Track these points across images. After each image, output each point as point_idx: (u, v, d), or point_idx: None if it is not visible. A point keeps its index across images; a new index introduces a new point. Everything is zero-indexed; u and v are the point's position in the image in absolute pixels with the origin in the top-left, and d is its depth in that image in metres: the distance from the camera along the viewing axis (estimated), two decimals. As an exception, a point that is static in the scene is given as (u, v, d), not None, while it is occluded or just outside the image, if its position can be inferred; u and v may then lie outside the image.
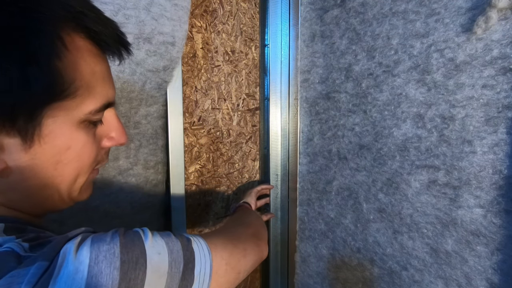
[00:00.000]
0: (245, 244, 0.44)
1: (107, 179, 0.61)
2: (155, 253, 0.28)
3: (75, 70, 0.28)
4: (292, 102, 0.90)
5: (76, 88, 0.28)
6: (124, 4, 0.55)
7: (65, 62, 0.27)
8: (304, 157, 0.87)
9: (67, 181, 0.31)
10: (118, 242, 0.26)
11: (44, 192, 0.30)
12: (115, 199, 0.63)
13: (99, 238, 0.26)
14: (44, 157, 0.28)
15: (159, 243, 0.29)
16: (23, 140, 0.27)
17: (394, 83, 0.63)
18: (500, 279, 0.51)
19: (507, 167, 0.49)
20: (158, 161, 0.69)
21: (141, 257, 0.27)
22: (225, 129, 0.87)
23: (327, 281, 0.84)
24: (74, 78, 0.28)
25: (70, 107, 0.29)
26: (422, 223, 0.61)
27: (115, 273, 0.24)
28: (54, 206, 0.33)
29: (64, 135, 0.29)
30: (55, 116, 0.28)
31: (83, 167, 0.32)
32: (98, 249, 0.25)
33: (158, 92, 0.66)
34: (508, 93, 0.48)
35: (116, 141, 0.36)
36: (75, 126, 0.30)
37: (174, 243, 0.31)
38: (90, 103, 0.30)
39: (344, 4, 0.72)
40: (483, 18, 0.48)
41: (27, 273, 0.22)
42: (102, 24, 0.30)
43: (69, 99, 0.28)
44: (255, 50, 0.91)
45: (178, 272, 0.30)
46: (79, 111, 0.29)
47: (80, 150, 0.31)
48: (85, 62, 0.29)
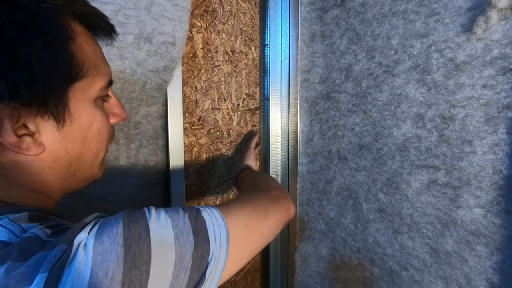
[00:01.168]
0: (266, 206, 0.43)
1: (107, 179, 0.61)
2: (158, 227, 0.29)
3: (83, 52, 0.31)
4: (292, 102, 0.90)
5: (87, 68, 0.32)
6: (125, 4, 0.55)
7: (77, 45, 0.30)
8: (304, 157, 0.87)
9: (92, 156, 0.35)
10: (121, 222, 0.28)
11: (71, 168, 0.34)
12: (116, 198, 0.63)
13: (105, 222, 0.28)
14: (74, 134, 0.32)
15: (162, 217, 0.30)
16: (57, 121, 0.30)
17: (394, 83, 0.63)
18: (500, 279, 0.51)
19: (507, 167, 0.49)
20: (158, 161, 0.69)
21: (144, 231, 0.28)
22: (225, 129, 0.86)
23: (327, 281, 0.84)
24: (84, 59, 0.31)
25: (85, 87, 0.32)
26: (422, 223, 0.61)
27: (119, 249, 0.26)
28: (74, 185, 0.36)
29: (87, 112, 0.33)
30: (76, 96, 0.31)
31: (102, 141, 0.36)
32: (102, 231, 0.27)
33: (158, 92, 0.66)
34: (508, 93, 0.48)
35: (120, 116, 0.39)
36: (92, 104, 0.33)
37: (180, 215, 0.32)
38: (99, 81, 0.33)
39: (344, 4, 0.72)
40: (483, 18, 0.48)
41: (49, 254, 0.24)
42: (90, 8, 0.34)
43: (84, 78, 0.31)
44: (255, 50, 0.91)
45: (188, 241, 0.30)
46: (93, 89, 0.33)
47: (100, 125, 0.34)
48: (88, 45, 0.32)
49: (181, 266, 0.29)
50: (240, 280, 0.97)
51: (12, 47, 0.26)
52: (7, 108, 0.27)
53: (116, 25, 0.55)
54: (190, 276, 0.29)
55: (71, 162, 0.33)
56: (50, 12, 0.28)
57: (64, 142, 0.31)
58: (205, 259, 0.31)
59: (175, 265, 0.28)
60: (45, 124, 0.30)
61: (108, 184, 0.62)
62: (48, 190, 0.33)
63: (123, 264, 0.25)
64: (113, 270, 0.25)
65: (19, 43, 0.26)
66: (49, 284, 0.23)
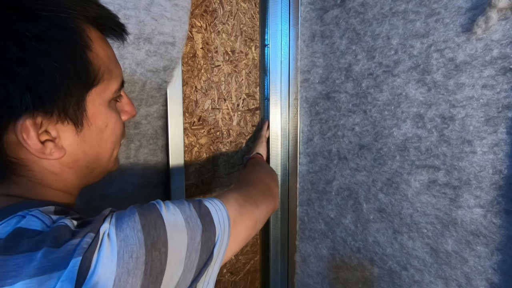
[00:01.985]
0: (255, 198, 0.47)
1: (107, 179, 0.61)
2: (169, 214, 0.32)
3: (99, 58, 0.33)
4: (292, 102, 0.90)
5: (102, 73, 0.33)
6: (124, 4, 0.55)
7: (93, 52, 0.32)
8: (304, 157, 0.87)
9: (107, 154, 0.37)
10: (136, 212, 0.30)
11: (89, 167, 0.36)
12: (116, 199, 0.63)
13: (120, 214, 0.31)
14: (91, 137, 0.34)
15: (171, 207, 0.33)
16: (76, 126, 0.32)
17: (394, 83, 0.63)
18: (500, 279, 0.51)
19: (507, 167, 0.49)
20: (158, 161, 0.69)
21: (158, 219, 0.31)
22: (225, 129, 0.86)
23: (327, 281, 0.84)
24: (99, 65, 0.33)
25: (101, 91, 0.34)
26: (422, 223, 0.61)
27: (139, 234, 0.28)
28: (91, 180, 0.38)
29: (102, 115, 0.34)
30: (93, 100, 0.33)
31: (117, 140, 0.38)
32: (121, 221, 0.29)
33: (158, 92, 0.66)
34: (508, 93, 0.48)
35: (130, 113, 0.41)
36: (107, 106, 0.35)
37: (185, 205, 0.35)
38: (113, 84, 0.35)
39: (344, 4, 0.72)
40: (483, 18, 0.48)
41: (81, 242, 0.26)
42: (102, 10, 0.34)
43: (100, 83, 0.33)
44: (255, 50, 0.91)
45: (197, 225, 0.33)
46: (108, 92, 0.34)
47: (114, 125, 0.36)
48: (102, 49, 0.33)
49: (192, 247, 0.32)
50: (240, 280, 0.97)
51: (35, 61, 0.27)
52: (32, 118, 0.28)
53: (116, 25, 0.55)
54: (200, 256, 0.33)
55: (89, 162, 0.35)
56: (67, 22, 0.29)
57: (83, 144, 0.33)
58: (212, 240, 0.34)
59: (188, 246, 0.32)
60: (65, 129, 0.31)
61: (108, 184, 0.62)
62: (69, 188, 0.36)
63: (145, 246, 0.28)
64: (136, 252, 0.27)
65: (41, 56, 0.27)
66: (83, 266, 0.25)
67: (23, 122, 0.28)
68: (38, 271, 0.25)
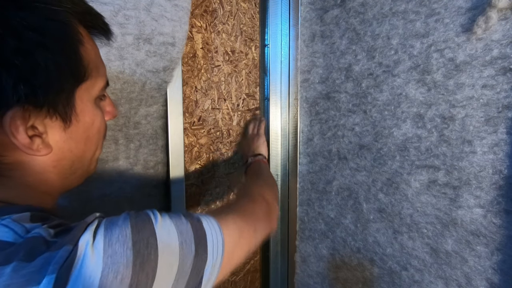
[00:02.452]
0: (256, 223, 0.44)
1: (107, 179, 0.61)
2: (164, 233, 0.30)
3: (88, 54, 0.32)
4: (292, 102, 0.90)
5: (91, 69, 0.32)
6: (124, 5, 0.55)
7: (85, 47, 0.31)
8: (304, 157, 0.87)
9: (91, 154, 0.36)
10: (128, 225, 0.28)
11: (73, 167, 0.35)
12: (115, 199, 0.63)
13: (111, 222, 0.28)
14: (78, 134, 0.33)
15: (168, 224, 0.31)
16: (64, 121, 0.31)
17: (394, 83, 0.63)
18: (500, 279, 0.51)
19: (507, 167, 0.49)
20: (158, 162, 0.69)
21: (151, 236, 0.28)
22: (225, 129, 0.86)
23: (327, 281, 0.84)
24: (88, 60, 0.32)
25: (89, 87, 0.33)
26: (422, 223, 0.61)
27: (129, 252, 0.26)
28: (72, 183, 0.37)
29: (90, 111, 0.34)
30: (81, 96, 0.32)
31: (100, 139, 0.37)
32: (111, 232, 0.27)
33: (158, 92, 0.66)
34: (508, 93, 0.48)
35: (112, 114, 0.40)
36: (94, 103, 0.34)
37: (184, 224, 0.32)
38: (100, 81, 0.35)
39: (344, 4, 0.72)
40: (483, 18, 0.48)
41: (56, 255, 0.24)
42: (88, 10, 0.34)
43: (88, 79, 0.32)
44: (255, 50, 0.91)
45: (190, 250, 0.31)
46: (95, 88, 0.34)
47: (99, 124, 0.36)
48: (90, 46, 0.33)
49: (182, 271, 0.30)
50: (240, 280, 0.97)
51: (32, 52, 0.26)
52: (22, 110, 0.27)
53: (116, 25, 0.55)
54: (187, 282, 0.31)
55: (73, 161, 0.34)
56: (62, 15, 0.29)
57: (69, 141, 0.32)
58: (203, 267, 0.32)
59: (178, 270, 0.29)
60: (53, 124, 0.30)
61: (108, 184, 0.62)
62: (49, 189, 0.34)
63: (132, 267, 0.26)
64: (122, 273, 0.25)
65: (38, 48, 0.27)
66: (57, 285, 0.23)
67: (13, 115, 0.27)
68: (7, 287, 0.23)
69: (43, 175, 0.32)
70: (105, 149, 0.60)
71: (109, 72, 0.57)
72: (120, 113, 0.61)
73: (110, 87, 0.58)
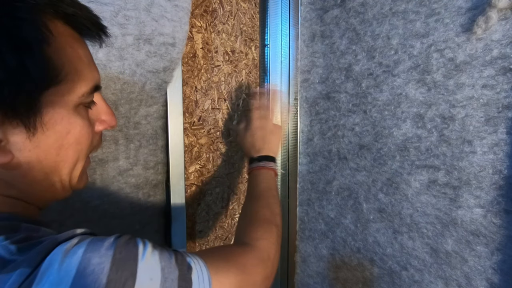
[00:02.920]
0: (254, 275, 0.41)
1: (106, 179, 0.61)
2: (146, 278, 0.27)
3: (63, 55, 0.29)
4: (292, 102, 0.90)
5: (67, 73, 0.29)
6: (124, 5, 0.55)
7: (54, 48, 0.28)
8: (304, 157, 0.87)
9: (69, 166, 0.32)
10: (110, 257, 0.25)
11: (48, 179, 0.31)
12: (115, 199, 0.63)
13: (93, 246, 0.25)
14: (47, 143, 0.29)
15: (154, 267, 0.28)
16: (27, 129, 0.28)
17: (394, 83, 0.63)
18: (500, 279, 0.51)
19: (507, 167, 0.49)
20: (158, 162, 0.69)
21: (130, 279, 0.26)
22: (225, 129, 0.87)
23: (327, 281, 0.84)
24: (63, 62, 0.29)
25: (64, 92, 0.30)
26: (422, 223, 0.61)
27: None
28: (56, 195, 0.34)
29: (63, 119, 0.30)
30: (52, 102, 0.29)
31: (82, 150, 0.33)
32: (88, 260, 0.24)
33: (158, 92, 0.66)
34: (508, 93, 0.48)
35: (108, 123, 0.37)
36: (72, 111, 0.31)
37: (172, 270, 0.29)
38: (81, 86, 0.31)
39: (344, 4, 0.72)
40: (483, 18, 0.48)
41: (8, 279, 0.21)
42: (78, 8, 0.31)
43: (62, 83, 0.29)
44: (255, 50, 0.91)
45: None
46: (73, 94, 0.30)
47: (78, 134, 0.32)
48: (70, 47, 0.30)
49: None
50: (240, 280, 0.97)
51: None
52: None
53: (116, 26, 0.55)
54: None
55: (46, 173, 0.31)
56: (24, 12, 0.26)
57: (37, 151, 0.29)
58: None
59: None
60: (14, 131, 0.27)
61: (107, 184, 0.62)
62: (27, 199, 0.32)
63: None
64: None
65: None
66: None
67: None
68: None
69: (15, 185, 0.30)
70: (104, 149, 0.60)
71: (109, 73, 0.57)
72: (120, 113, 0.61)
73: (110, 88, 0.58)
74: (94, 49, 0.53)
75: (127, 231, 0.65)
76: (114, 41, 0.55)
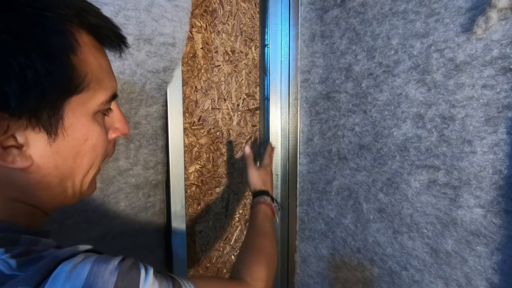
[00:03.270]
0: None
1: (106, 179, 0.61)
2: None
3: (86, 64, 0.30)
4: (292, 102, 0.90)
5: (89, 81, 0.30)
6: (125, 5, 0.55)
7: (79, 57, 0.29)
8: (304, 157, 0.87)
9: (83, 172, 0.33)
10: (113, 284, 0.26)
11: (62, 185, 0.32)
12: (115, 199, 0.63)
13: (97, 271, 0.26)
14: (66, 149, 0.30)
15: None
16: (48, 134, 0.28)
17: (394, 83, 0.63)
18: (500, 279, 0.51)
19: (507, 167, 0.49)
20: (158, 162, 0.69)
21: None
22: (225, 129, 0.87)
23: (327, 281, 0.84)
24: (86, 72, 0.30)
25: (85, 100, 0.30)
26: (422, 223, 0.61)
27: None
28: (65, 201, 0.34)
29: (83, 126, 0.31)
30: (73, 109, 0.30)
31: (96, 157, 0.34)
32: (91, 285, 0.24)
33: (158, 92, 0.66)
34: (508, 93, 0.48)
35: (121, 131, 0.38)
36: (91, 118, 0.32)
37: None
38: (101, 95, 0.32)
39: (344, 4, 0.72)
40: (483, 18, 0.48)
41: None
42: (101, 19, 0.32)
43: (84, 92, 0.30)
44: (255, 50, 0.91)
45: None
46: (93, 103, 0.31)
47: (96, 141, 0.33)
48: (93, 57, 0.31)
49: None
50: (240, 280, 0.97)
51: (5, 56, 0.24)
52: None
53: (116, 25, 0.55)
54: None
55: (61, 178, 0.31)
56: (53, 22, 0.27)
57: (55, 156, 0.30)
58: None
59: None
60: (36, 136, 0.28)
61: (107, 184, 0.62)
62: (37, 203, 0.32)
63: None
64: None
65: (13, 52, 0.25)
66: None
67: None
68: None
69: (29, 190, 0.30)
70: (105, 149, 0.60)
71: (109, 72, 0.57)
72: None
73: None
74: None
75: (127, 231, 0.65)
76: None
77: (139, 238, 0.68)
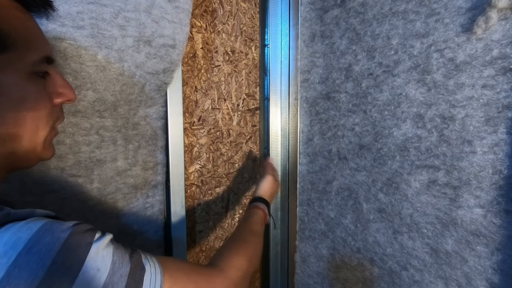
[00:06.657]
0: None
1: (104, 179, 0.61)
2: (94, 267, 0.27)
3: (8, 24, 0.30)
4: (292, 102, 0.90)
5: (14, 40, 0.31)
6: (125, 7, 0.55)
7: None
8: (304, 157, 0.87)
9: (28, 133, 0.33)
10: (62, 240, 0.25)
11: (8, 146, 0.32)
12: (112, 199, 0.63)
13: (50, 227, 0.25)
14: (3, 109, 0.30)
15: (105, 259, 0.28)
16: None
17: (394, 83, 0.63)
18: (500, 279, 0.51)
19: (507, 167, 0.49)
20: (157, 163, 0.69)
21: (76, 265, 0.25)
22: (225, 129, 0.87)
23: (327, 281, 0.84)
24: (9, 30, 0.30)
25: (14, 59, 0.31)
26: (422, 223, 0.61)
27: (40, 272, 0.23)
28: (17, 163, 0.34)
29: (17, 86, 0.31)
30: (3, 68, 0.30)
31: (40, 119, 0.34)
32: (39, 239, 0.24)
33: (158, 93, 0.66)
34: (508, 93, 0.48)
35: (66, 96, 0.38)
36: (25, 78, 0.32)
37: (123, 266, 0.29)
38: (31, 55, 0.32)
39: (344, 4, 0.72)
40: (483, 18, 0.48)
41: None
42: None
43: (10, 51, 0.30)
44: (255, 50, 0.91)
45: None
46: (23, 62, 0.32)
47: (34, 101, 0.33)
48: (15, 17, 0.32)
49: None
50: (240, 280, 0.97)
51: None
52: None
53: (116, 27, 0.55)
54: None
55: (4, 139, 0.31)
56: None
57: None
58: None
59: None
60: None
61: (105, 184, 0.62)
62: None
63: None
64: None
65: None
66: None
67: None
68: None
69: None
70: (103, 150, 0.60)
71: (108, 74, 0.57)
72: (119, 114, 0.61)
73: (109, 89, 0.58)
74: (93, 50, 0.53)
75: (124, 232, 0.65)
76: (113, 42, 0.55)
77: (137, 239, 0.68)
